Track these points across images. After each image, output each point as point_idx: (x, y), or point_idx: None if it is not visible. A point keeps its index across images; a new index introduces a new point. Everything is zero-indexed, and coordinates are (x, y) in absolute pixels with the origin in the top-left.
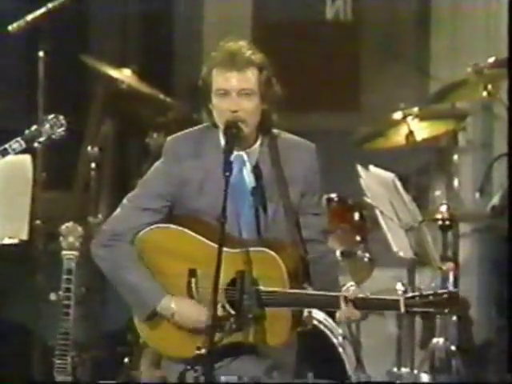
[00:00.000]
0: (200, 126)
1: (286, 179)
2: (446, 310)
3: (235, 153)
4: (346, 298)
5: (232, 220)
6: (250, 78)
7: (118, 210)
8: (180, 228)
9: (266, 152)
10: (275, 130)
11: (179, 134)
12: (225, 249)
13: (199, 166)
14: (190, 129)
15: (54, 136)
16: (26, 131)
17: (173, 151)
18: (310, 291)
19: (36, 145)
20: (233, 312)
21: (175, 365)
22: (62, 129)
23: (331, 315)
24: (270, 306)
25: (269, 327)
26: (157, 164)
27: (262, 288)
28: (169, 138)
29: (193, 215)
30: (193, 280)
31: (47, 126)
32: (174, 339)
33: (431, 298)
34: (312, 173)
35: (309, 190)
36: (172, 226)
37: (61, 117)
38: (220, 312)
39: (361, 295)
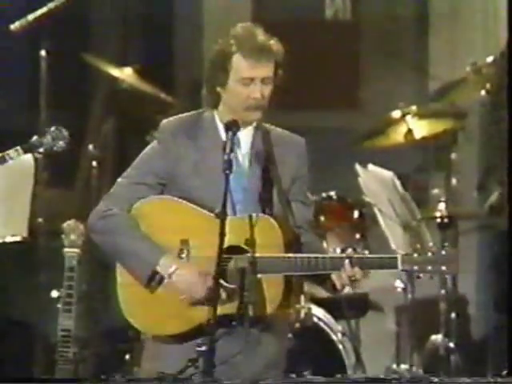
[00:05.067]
0: (195, 111)
1: (279, 163)
2: (444, 268)
3: (231, 133)
4: (349, 258)
5: (227, 204)
6: (272, 67)
7: (113, 187)
8: (174, 198)
9: (259, 136)
10: (267, 125)
11: (175, 116)
12: (217, 219)
13: (195, 146)
14: (186, 113)
15: (55, 148)
16: (33, 139)
17: (169, 131)
18: (310, 254)
19: (36, 155)
20: (225, 284)
21: (174, 356)
22: (64, 141)
23: (331, 312)
24: (269, 272)
25: (262, 295)
26: (152, 144)
27: (258, 254)
28: (164, 120)
29: (186, 197)
30: (184, 250)
31: (49, 137)
32: (159, 316)
33: (429, 255)
34: (302, 162)
35: (299, 178)
36: (166, 196)
37: (63, 129)
38: (212, 282)
39: (357, 255)
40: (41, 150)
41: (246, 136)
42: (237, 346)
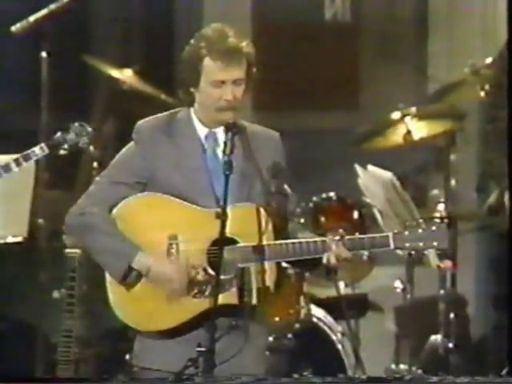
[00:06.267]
0: (170, 111)
1: (256, 159)
2: (435, 244)
3: (208, 130)
4: (333, 239)
5: (209, 196)
6: (243, 68)
7: (92, 186)
8: (158, 194)
9: (236, 133)
10: (243, 121)
11: (150, 117)
12: (205, 209)
13: (172, 144)
14: (160, 113)
15: (80, 144)
16: (57, 135)
17: (146, 131)
18: (301, 239)
19: (61, 152)
20: (214, 274)
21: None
22: (88, 137)
23: (331, 312)
24: (258, 261)
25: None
26: (129, 145)
27: (243, 244)
28: (140, 121)
29: (167, 194)
30: (173, 245)
31: (72, 134)
32: (150, 311)
33: (420, 231)
34: (279, 156)
35: (277, 172)
36: (149, 193)
37: (86, 125)
38: (201, 276)
39: (348, 236)
40: (65, 146)
41: (223, 134)
42: (236, 344)
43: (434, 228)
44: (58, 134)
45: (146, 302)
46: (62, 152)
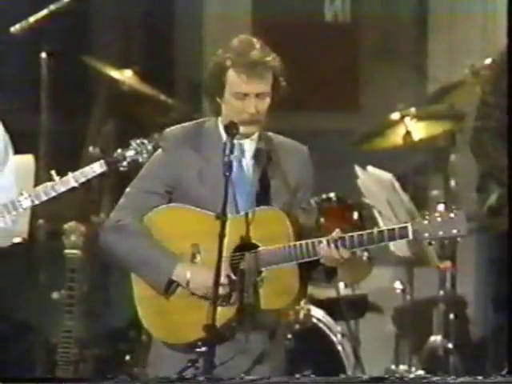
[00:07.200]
0: (197, 120)
1: (282, 171)
2: (455, 231)
3: (235, 141)
4: (332, 239)
5: (231, 209)
6: (268, 82)
7: (122, 198)
8: (180, 205)
9: (262, 145)
10: (270, 133)
11: (177, 126)
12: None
13: (199, 154)
14: (188, 122)
15: (140, 160)
16: (117, 153)
17: (172, 139)
18: (294, 242)
19: (121, 169)
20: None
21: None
22: (148, 154)
23: (330, 313)
24: (276, 264)
25: (275, 288)
26: (156, 153)
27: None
28: (167, 129)
29: (191, 204)
30: (197, 254)
31: (132, 151)
32: (177, 325)
33: (439, 220)
34: (306, 170)
35: (302, 185)
36: (173, 204)
37: (147, 142)
38: (225, 281)
39: (366, 231)
40: (124, 163)
41: (249, 145)
42: (235, 349)
43: (452, 215)
44: (118, 150)
45: (173, 315)
46: (121, 169)
